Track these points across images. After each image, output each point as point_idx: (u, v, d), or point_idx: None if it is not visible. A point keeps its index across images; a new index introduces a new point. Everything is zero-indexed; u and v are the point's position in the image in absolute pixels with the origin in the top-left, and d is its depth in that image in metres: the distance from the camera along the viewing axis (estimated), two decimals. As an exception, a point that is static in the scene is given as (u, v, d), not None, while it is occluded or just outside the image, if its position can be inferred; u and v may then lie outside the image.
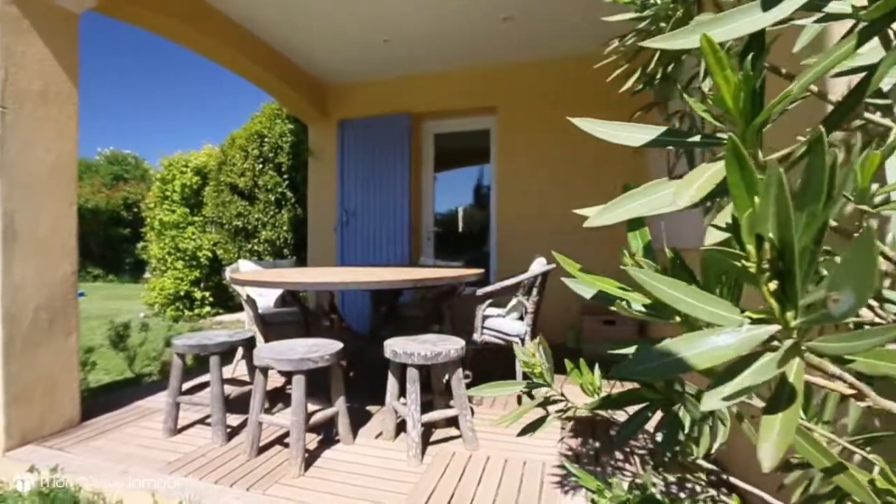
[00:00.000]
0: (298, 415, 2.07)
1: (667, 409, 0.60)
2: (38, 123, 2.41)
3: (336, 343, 2.36)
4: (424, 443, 2.29)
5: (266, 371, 2.23)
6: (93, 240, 14.73)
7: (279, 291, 3.74)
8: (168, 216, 7.60)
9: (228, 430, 2.44)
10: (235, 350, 3.29)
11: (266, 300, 3.74)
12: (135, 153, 22.51)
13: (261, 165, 6.56)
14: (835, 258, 0.52)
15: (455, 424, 2.46)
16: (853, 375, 0.39)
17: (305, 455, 2.10)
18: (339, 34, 4.19)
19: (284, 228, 6.47)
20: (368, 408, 2.82)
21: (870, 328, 0.32)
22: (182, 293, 7.42)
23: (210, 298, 7.54)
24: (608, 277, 0.66)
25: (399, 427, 2.44)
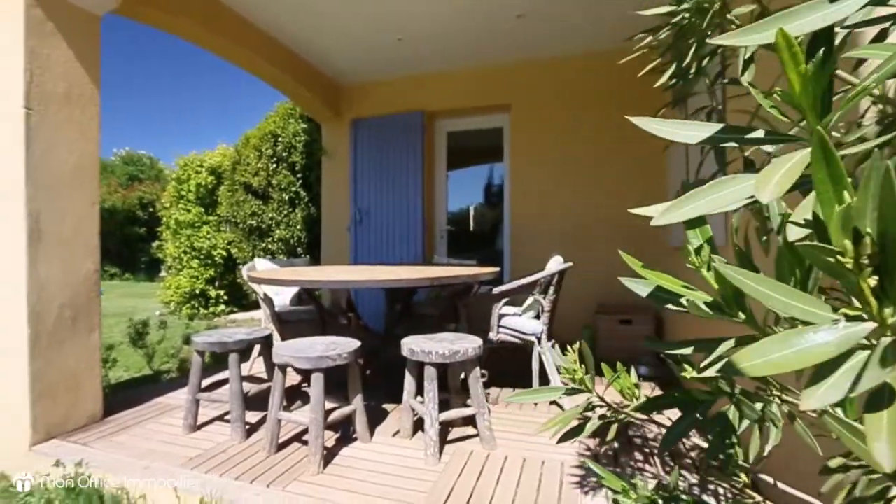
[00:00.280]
0: (317, 412, 2.09)
1: (704, 411, 0.58)
2: (62, 125, 2.45)
3: (354, 341, 2.37)
4: (442, 441, 2.29)
5: (285, 369, 2.24)
6: (109, 239, 14.99)
7: (294, 290, 3.77)
8: (183, 215, 7.71)
9: (247, 427, 2.47)
10: (253, 348, 3.33)
11: (282, 298, 3.77)
12: (149, 153, 22.89)
13: (274, 165, 6.61)
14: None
15: (471, 423, 2.46)
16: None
17: (324, 453, 2.11)
18: (352, 34, 4.21)
19: (298, 227, 6.51)
20: (384, 406, 2.83)
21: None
22: (197, 291, 7.52)
23: (224, 297, 7.63)
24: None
25: (416, 425, 2.44)
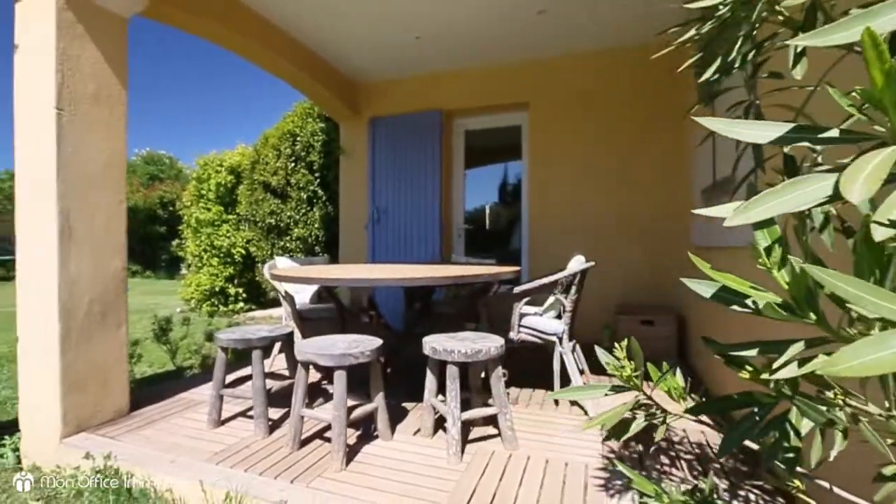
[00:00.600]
0: (340, 409, 2.09)
1: (764, 415, 0.56)
2: (91, 125, 2.50)
3: (375, 339, 2.37)
4: (463, 441, 2.28)
5: (308, 366, 2.26)
6: (131, 237, 15.31)
7: (314, 288, 3.79)
8: (204, 214, 7.84)
9: (269, 424, 2.49)
10: (274, 345, 3.36)
11: (302, 297, 3.80)
12: (169, 153, 23.36)
13: (293, 164, 6.67)
14: None
15: (492, 423, 2.45)
16: None
17: (346, 450, 2.12)
18: (370, 33, 4.22)
19: (316, 226, 6.56)
20: (405, 404, 2.83)
21: None
22: (217, 289, 7.64)
23: (243, 294, 7.74)
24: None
25: (437, 424, 2.44)
